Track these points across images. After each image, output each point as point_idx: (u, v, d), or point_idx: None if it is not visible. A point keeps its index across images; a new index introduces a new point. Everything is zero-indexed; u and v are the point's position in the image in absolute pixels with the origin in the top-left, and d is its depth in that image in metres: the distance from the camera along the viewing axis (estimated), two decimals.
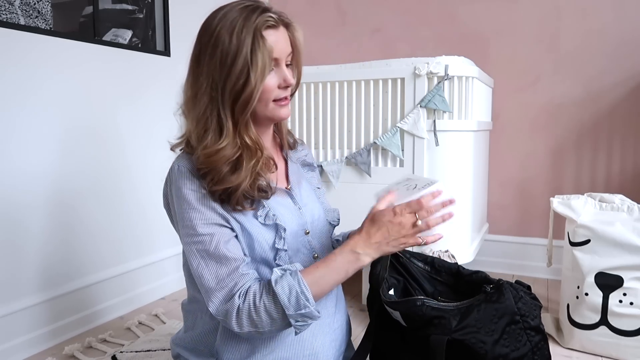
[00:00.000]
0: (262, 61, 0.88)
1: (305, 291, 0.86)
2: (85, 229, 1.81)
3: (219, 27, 0.90)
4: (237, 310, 0.87)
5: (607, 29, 2.18)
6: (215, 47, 0.89)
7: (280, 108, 0.97)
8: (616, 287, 1.51)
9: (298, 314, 0.86)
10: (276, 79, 0.94)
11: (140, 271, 2.03)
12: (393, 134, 1.78)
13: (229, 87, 0.89)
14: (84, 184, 1.79)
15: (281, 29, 0.94)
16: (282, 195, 1.01)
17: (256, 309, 0.86)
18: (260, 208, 0.95)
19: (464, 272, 1.13)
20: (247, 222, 0.94)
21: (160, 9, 2.11)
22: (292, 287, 0.86)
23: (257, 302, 0.87)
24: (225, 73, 0.89)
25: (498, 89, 2.37)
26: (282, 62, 0.94)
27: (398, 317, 1.02)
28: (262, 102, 0.94)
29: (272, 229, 0.95)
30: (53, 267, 1.71)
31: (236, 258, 0.90)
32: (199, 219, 0.90)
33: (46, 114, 1.66)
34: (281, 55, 0.93)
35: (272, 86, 0.93)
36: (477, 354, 0.94)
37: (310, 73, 1.92)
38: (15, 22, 1.55)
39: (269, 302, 0.86)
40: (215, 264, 0.89)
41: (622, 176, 2.21)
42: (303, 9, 2.76)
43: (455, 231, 1.80)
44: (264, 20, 0.90)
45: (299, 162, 1.14)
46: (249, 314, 0.87)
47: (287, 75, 0.94)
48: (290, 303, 0.85)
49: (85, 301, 1.81)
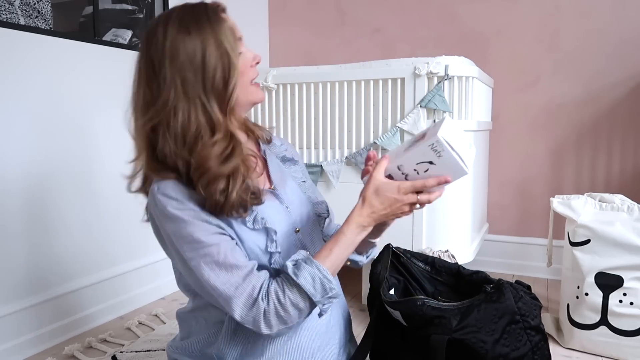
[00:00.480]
0: (231, 43, 0.89)
1: (327, 275, 0.87)
2: (85, 229, 1.81)
3: (169, 32, 0.88)
4: (264, 313, 0.86)
5: (607, 29, 2.18)
6: (175, 50, 0.87)
7: (257, 89, 0.96)
8: (616, 287, 1.51)
9: (325, 298, 0.87)
10: (246, 59, 0.93)
11: (140, 271, 2.03)
12: (393, 134, 1.78)
13: (209, 79, 0.88)
14: (84, 183, 1.79)
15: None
16: (267, 197, 0.98)
17: (283, 306, 0.86)
18: (248, 213, 0.93)
19: (464, 272, 1.13)
20: (238, 228, 0.92)
21: (160, 9, 2.11)
22: (315, 275, 0.86)
23: (282, 300, 0.86)
24: (200, 68, 0.87)
25: (498, 89, 2.37)
26: (243, 41, 0.94)
27: (398, 316, 1.03)
28: (242, 86, 0.93)
29: (263, 232, 0.94)
30: (53, 267, 1.71)
31: (246, 264, 0.89)
32: (200, 231, 0.87)
33: (46, 114, 1.66)
34: (241, 35, 0.94)
35: (246, 66, 0.93)
36: (477, 353, 0.94)
37: (310, 73, 1.92)
38: (15, 22, 1.55)
39: (294, 295, 0.86)
40: (227, 274, 0.87)
41: (622, 176, 2.21)
42: (303, 9, 2.76)
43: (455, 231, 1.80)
44: (214, 7, 0.91)
45: (279, 157, 1.10)
46: (276, 313, 0.87)
47: (253, 51, 0.95)
48: (317, 290, 0.86)
49: (86, 301, 1.81)
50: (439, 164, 0.86)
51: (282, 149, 1.12)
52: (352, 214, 0.91)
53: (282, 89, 1.98)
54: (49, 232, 1.69)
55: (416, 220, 1.77)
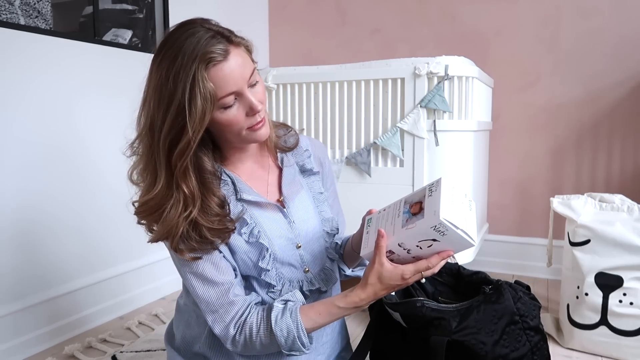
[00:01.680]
0: (202, 108, 0.81)
1: (302, 336, 0.88)
2: (86, 229, 1.81)
3: (163, 61, 0.83)
4: (232, 339, 0.90)
5: (607, 28, 2.18)
6: (156, 85, 0.84)
7: (255, 132, 0.90)
8: (616, 287, 1.51)
9: (291, 353, 0.89)
10: (242, 109, 0.87)
11: (140, 271, 2.03)
12: (393, 134, 1.78)
13: (164, 133, 0.83)
14: (85, 184, 1.79)
15: (233, 54, 0.84)
16: (271, 210, 0.97)
17: (252, 342, 0.89)
18: (245, 225, 0.93)
19: (464, 273, 1.13)
20: (232, 239, 0.92)
21: (160, 9, 2.11)
22: (291, 331, 0.87)
23: (253, 337, 0.89)
24: (161, 117, 0.83)
25: (498, 89, 2.37)
26: (244, 90, 0.86)
27: (398, 318, 1.03)
28: (234, 133, 0.89)
29: (257, 247, 0.94)
30: (54, 267, 1.71)
31: (224, 281, 0.90)
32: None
33: (45, 114, 1.66)
34: (240, 85, 0.85)
35: (240, 118, 0.87)
36: (477, 354, 0.94)
37: (310, 73, 1.92)
38: (15, 22, 1.55)
39: (265, 339, 0.88)
40: (203, 286, 0.90)
41: (622, 176, 2.21)
42: (303, 9, 2.76)
43: None
44: (208, 59, 0.81)
45: (299, 166, 1.06)
46: (244, 345, 0.90)
47: (253, 102, 0.86)
48: (287, 344, 0.88)
49: (86, 301, 1.81)
50: (444, 241, 0.83)
51: (304, 156, 1.06)
52: (352, 293, 0.89)
53: (282, 89, 1.98)
54: (49, 232, 1.69)
55: None
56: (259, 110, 0.88)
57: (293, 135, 1.07)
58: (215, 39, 0.83)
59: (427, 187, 0.87)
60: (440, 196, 0.82)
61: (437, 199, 0.82)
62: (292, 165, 1.04)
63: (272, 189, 1.01)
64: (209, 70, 0.82)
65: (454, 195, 0.85)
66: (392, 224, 0.87)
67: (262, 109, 0.89)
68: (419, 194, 0.87)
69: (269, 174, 1.02)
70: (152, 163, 0.87)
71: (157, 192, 0.86)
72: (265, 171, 1.02)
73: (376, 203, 1.06)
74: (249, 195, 0.95)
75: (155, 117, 0.84)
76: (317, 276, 1.02)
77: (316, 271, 1.02)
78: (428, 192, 0.85)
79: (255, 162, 1.01)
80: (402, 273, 0.85)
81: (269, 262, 0.94)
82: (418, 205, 0.85)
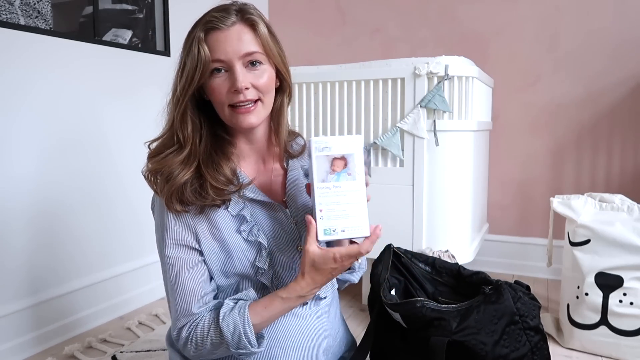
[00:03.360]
0: (191, 66, 0.88)
1: (248, 332, 0.88)
2: (86, 229, 1.81)
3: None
4: (184, 342, 0.92)
5: (608, 29, 2.18)
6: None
7: (237, 115, 0.90)
8: (616, 287, 1.51)
9: (238, 352, 0.89)
10: (227, 82, 0.89)
11: (140, 271, 2.03)
12: (393, 134, 1.78)
13: (172, 90, 0.93)
14: (85, 184, 1.79)
15: (235, 28, 0.88)
16: (274, 210, 0.97)
17: (203, 343, 0.90)
18: (244, 223, 0.93)
19: (464, 273, 1.13)
20: (230, 237, 0.93)
21: (160, 9, 2.11)
22: (237, 326, 0.88)
23: (205, 337, 0.90)
24: (174, 78, 0.93)
25: (498, 89, 2.37)
26: (234, 63, 0.88)
27: (398, 318, 1.03)
28: (218, 107, 0.92)
29: (255, 245, 0.94)
30: (54, 267, 1.71)
31: (193, 291, 0.92)
32: (170, 237, 0.92)
33: (45, 114, 1.66)
34: (230, 57, 0.88)
35: (221, 90, 0.89)
36: (477, 355, 0.94)
37: (310, 73, 1.92)
38: (15, 22, 1.55)
39: (215, 337, 0.89)
40: (172, 291, 0.93)
41: (622, 176, 2.21)
42: (303, 9, 2.76)
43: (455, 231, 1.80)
44: (206, 21, 0.89)
45: (304, 170, 1.06)
46: (196, 347, 0.91)
47: (237, 78, 0.87)
48: (233, 340, 0.88)
49: (86, 301, 1.81)
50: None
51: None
52: (293, 283, 0.89)
53: None
54: (49, 233, 1.69)
55: (416, 220, 1.77)
56: (239, 88, 0.88)
57: (300, 142, 1.09)
58: (227, 11, 0.90)
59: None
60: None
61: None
62: (297, 168, 1.05)
63: (276, 188, 1.01)
64: (207, 35, 0.89)
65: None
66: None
67: (248, 92, 0.89)
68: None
69: (274, 174, 1.02)
70: (170, 118, 0.94)
71: (163, 135, 0.95)
72: (269, 171, 1.02)
73: (376, 203, 1.06)
74: (251, 192, 0.95)
75: (174, 79, 0.93)
76: None
77: None
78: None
79: (260, 159, 1.01)
80: (332, 256, 0.85)
81: (266, 261, 0.94)
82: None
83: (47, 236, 1.68)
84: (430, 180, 1.76)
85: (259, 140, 1.00)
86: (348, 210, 0.87)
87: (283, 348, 0.96)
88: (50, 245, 1.69)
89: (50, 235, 1.69)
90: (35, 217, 1.64)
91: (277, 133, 1.01)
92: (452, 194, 1.77)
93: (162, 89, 0.99)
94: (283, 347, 0.96)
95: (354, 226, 0.86)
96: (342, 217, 0.87)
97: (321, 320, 1.02)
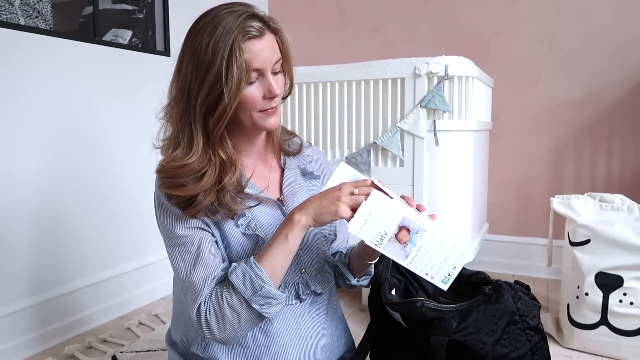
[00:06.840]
0: (238, 76, 0.85)
1: (258, 272, 0.85)
2: (86, 229, 1.81)
3: (202, 31, 0.87)
4: (205, 318, 0.87)
5: (608, 28, 2.18)
6: (194, 52, 0.87)
7: (266, 117, 0.93)
8: (616, 287, 1.51)
9: (257, 295, 0.85)
10: (260, 90, 0.90)
11: (140, 271, 2.04)
12: (393, 134, 1.78)
13: (201, 99, 0.87)
14: (85, 184, 1.79)
15: (267, 37, 0.89)
16: (271, 206, 0.99)
17: (221, 307, 0.86)
18: (242, 217, 0.94)
19: (464, 273, 1.13)
20: (228, 229, 0.94)
21: (160, 9, 2.11)
22: (245, 272, 0.86)
23: (220, 302, 0.86)
24: (198, 84, 0.86)
25: (498, 89, 2.37)
26: (267, 71, 0.90)
27: (398, 318, 1.03)
28: (247, 112, 0.91)
29: (252, 239, 0.94)
30: (53, 267, 1.71)
31: (215, 264, 0.90)
32: (179, 222, 0.90)
33: (45, 114, 1.66)
34: (265, 65, 0.89)
35: (256, 97, 0.90)
36: (477, 355, 0.94)
37: (310, 73, 1.92)
38: (15, 22, 1.55)
39: (229, 295, 0.86)
40: (194, 265, 0.89)
41: (622, 176, 2.21)
42: (303, 9, 2.76)
43: (455, 231, 1.80)
44: (245, 31, 0.86)
45: (301, 169, 1.08)
46: (216, 318, 0.87)
47: (273, 85, 0.90)
48: (246, 287, 0.85)
49: (86, 301, 1.81)
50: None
51: (306, 160, 1.10)
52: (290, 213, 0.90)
53: None
54: (49, 233, 1.69)
55: None
56: (276, 94, 0.91)
57: (297, 142, 1.10)
58: (253, 19, 0.88)
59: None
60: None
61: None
62: (294, 167, 1.07)
63: (273, 186, 1.03)
64: (245, 43, 0.86)
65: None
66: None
67: (278, 97, 0.92)
68: None
69: (271, 173, 1.04)
70: (189, 128, 0.90)
71: (194, 155, 0.89)
72: (267, 169, 1.04)
73: None
74: (249, 188, 0.96)
75: (192, 84, 0.87)
76: (313, 278, 1.02)
77: (313, 273, 1.02)
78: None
79: (259, 158, 1.03)
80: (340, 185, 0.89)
81: None
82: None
83: (47, 236, 1.68)
84: (430, 180, 1.76)
85: (261, 140, 1.02)
86: (442, 252, 0.88)
87: (281, 345, 0.97)
88: (50, 246, 1.69)
89: (51, 236, 1.69)
90: (35, 217, 1.64)
91: (270, 133, 1.04)
92: (452, 193, 1.77)
93: (162, 89, 0.99)
94: (281, 345, 0.97)
95: (457, 257, 0.88)
96: (444, 260, 0.88)
97: (319, 317, 1.02)
